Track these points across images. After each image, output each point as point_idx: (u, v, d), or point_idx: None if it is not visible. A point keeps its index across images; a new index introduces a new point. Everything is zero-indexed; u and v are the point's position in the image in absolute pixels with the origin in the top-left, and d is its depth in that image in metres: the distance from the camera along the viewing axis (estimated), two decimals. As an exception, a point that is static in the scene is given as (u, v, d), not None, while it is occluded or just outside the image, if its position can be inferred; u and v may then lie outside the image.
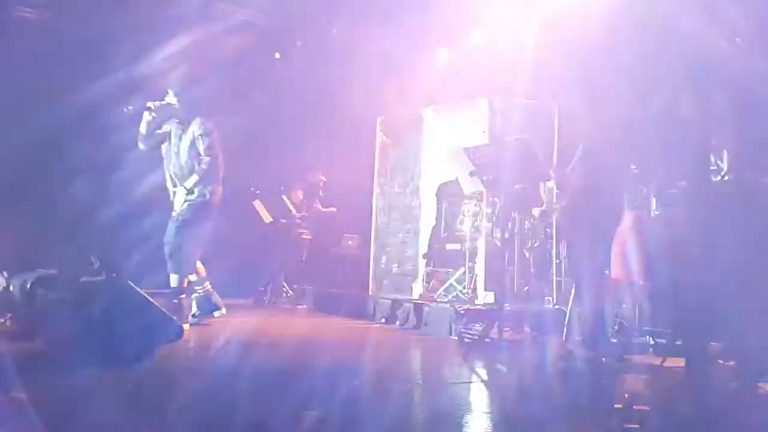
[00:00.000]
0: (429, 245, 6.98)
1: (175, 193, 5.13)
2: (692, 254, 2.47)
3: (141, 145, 5.25)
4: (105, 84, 7.73)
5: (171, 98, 5.13)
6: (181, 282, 4.99)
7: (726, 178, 3.83)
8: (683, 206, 4.82)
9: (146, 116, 5.15)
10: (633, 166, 5.79)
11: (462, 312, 5.24)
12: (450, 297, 6.41)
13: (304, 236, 8.70)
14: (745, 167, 2.54)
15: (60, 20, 7.65)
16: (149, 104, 5.10)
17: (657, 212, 4.98)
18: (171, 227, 5.01)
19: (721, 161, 4.89)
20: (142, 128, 5.19)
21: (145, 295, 3.39)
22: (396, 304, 6.08)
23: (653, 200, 5.17)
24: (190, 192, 5.03)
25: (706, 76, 2.99)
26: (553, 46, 8.12)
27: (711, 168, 4.00)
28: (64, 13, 7.78)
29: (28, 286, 3.58)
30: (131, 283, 3.36)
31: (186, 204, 5.04)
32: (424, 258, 6.92)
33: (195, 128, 5.05)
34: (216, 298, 5.31)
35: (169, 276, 4.99)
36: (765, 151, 2.68)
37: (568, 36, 7.91)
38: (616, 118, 4.05)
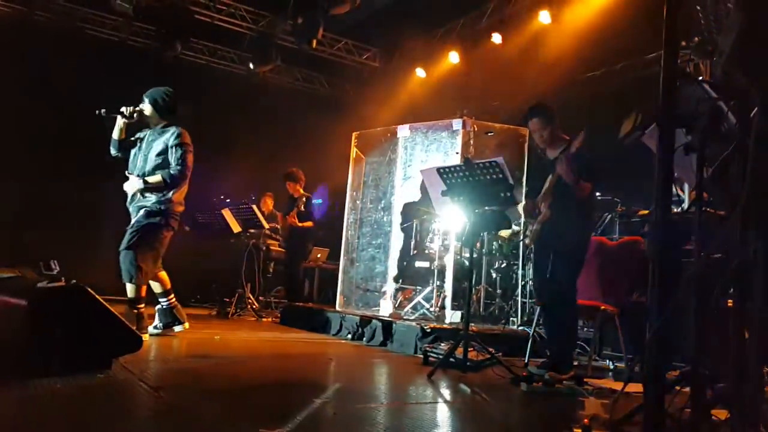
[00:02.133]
0: (399, 262, 7.00)
1: (133, 197, 4.98)
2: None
3: (113, 151, 5.15)
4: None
5: (146, 106, 5.06)
6: (137, 291, 4.84)
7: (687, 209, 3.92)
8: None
9: (119, 122, 5.07)
10: (598, 193, 5.93)
11: (428, 330, 5.25)
12: (417, 315, 6.42)
13: (273, 247, 8.65)
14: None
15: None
16: (123, 109, 5.02)
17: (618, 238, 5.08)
18: (127, 235, 4.87)
19: (683, 192, 5.03)
20: (115, 134, 5.10)
21: (105, 303, 3.32)
22: (363, 320, 6.06)
23: (616, 226, 5.29)
24: (146, 198, 4.91)
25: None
26: (528, 72, 8.32)
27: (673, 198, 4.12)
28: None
29: (-19, 290, 3.47)
30: (90, 290, 3.29)
31: (143, 211, 4.91)
32: (395, 281, 6.94)
33: (170, 137, 4.96)
34: (179, 311, 5.20)
35: (126, 286, 4.86)
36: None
37: (544, 62, 8.10)
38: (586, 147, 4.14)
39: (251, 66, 9.98)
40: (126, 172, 5.05)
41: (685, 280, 2.21)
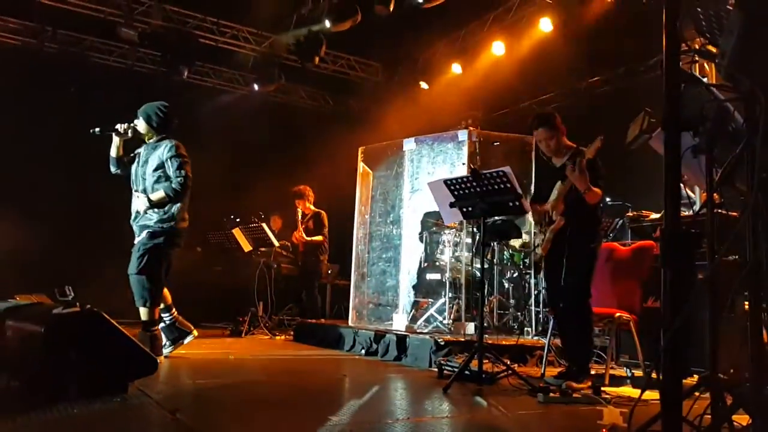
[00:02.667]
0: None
1: (136, 216, 4.98)
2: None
3: (112, 168, 5.14)
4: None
5: (140, 122, 5.03)
6: (151, 314, 4.83)
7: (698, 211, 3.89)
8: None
9: (115, 139, 5.06)
10: (608, 199, 5.91)
11: (442, 343, 5.23)
12: (431, 328, 6.39)
13: (284, 265, 8.67)
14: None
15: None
16: (117, 126, 5.01)
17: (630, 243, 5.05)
18: (133, 257, 4.85)
19: (694, 194, 5.00)
20: (113, 151, 5.09)
21: (120, 327, 3.33)
22: (376, 334, 6.04)
23: (627, 231, 5.26)
24: (150, 218, 4.89)
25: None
26: (531, 80, 8.35)
27: (683, 201, 4.08)
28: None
29: (-2, 317, 3.50)
30: (105, 315, 3.30)
31: (146, 232, 4.87)
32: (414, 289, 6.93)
33: (164, 151, 4.91)
34: (182, 322, 5.14)
35: (139, 310, 4.84)
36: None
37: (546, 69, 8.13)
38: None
39: (256, 86, 10.07)
40: (133, 190, 5.06)
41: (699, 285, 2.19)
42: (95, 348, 3.22)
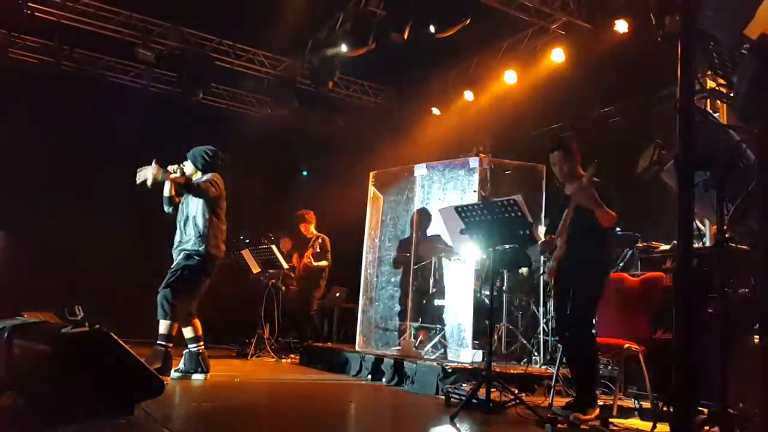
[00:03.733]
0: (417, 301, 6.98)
1: (177, 245, 5.31)
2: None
3: (166, 208, 5.45)
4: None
5: (187, 164, 5.42)
6: (170, 328, 5.02)
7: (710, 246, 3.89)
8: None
9: (168, 181, 5.36)
10: (618, 229, 5.89)
11: (449, 370, 5.20)
12: (438, 354, 6.35)
13: (291, 287, 8.67)
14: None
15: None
16: (169, 168, 5.32)
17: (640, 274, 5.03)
18: (168, 275, 5.13)
19: (704, 226, 4.99)
20: (166, 191, 5.41)
21: (128, 348, 3.34)
22: (383, 359, 6.01)
23: (637, 262, 5.24)
24: (189, 251, 5.19)
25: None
26: (542, 109, 8.40)
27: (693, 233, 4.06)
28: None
29: (5, 335, 3.51)
30: (114, 335, 3.32)
31: (183, 253, 5.18)
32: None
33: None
34: (205, 359, 5.28)
35: (159, 323, 5.01)
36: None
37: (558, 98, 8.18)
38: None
39: (270, 110, 10.18)
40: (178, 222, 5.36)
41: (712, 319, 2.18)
42: (103, 368, 3.23)
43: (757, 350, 2.48)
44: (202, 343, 5.26)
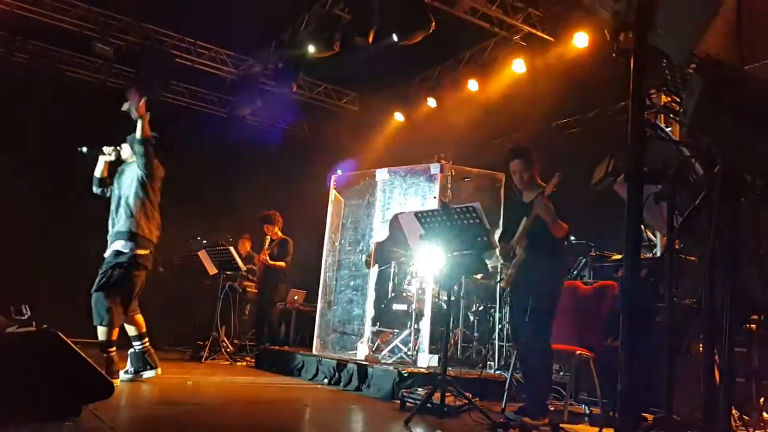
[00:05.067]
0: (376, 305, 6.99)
1: (110, 231, 4.98)
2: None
3: (95, 188, 5.19)
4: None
5: (125, 148, 5.12)
6: (108, 335, 4.77)
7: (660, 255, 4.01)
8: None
9: (101, 160, 5.11)
10: (573, 238, 6.01)
11: (406, 375, 5.22)
12: (395, 358, 6.37)
13: (249, 289, 8.58)
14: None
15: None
16: (104, 149, 5.08)
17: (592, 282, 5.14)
18: (99, 277, 4.83)
19: (655, 237, 5.14)
20: (97, 172, 5.15)
21: (76, 348, 3.26)
22: (340, 364, 6.00)
23: (590, 270, 5.37)
24: (119, 232, 4.88)
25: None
26: (504, 118, 8.54)
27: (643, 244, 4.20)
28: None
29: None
30: (61, 335, 3.23)
31: (112, 252, 4.88)
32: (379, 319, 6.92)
33: (138, 171, 4.98)
34: (152, 355, 5.09)
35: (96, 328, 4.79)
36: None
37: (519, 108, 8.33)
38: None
39: (232, 109, 10.07)
40: (112, 208, 5.04)
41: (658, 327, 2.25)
42: (49, 369, 3.14)
43: (700, 359, 2.57)
44: (146, 339, 5.05)
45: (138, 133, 4.89)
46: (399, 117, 10.12)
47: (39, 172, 8.00)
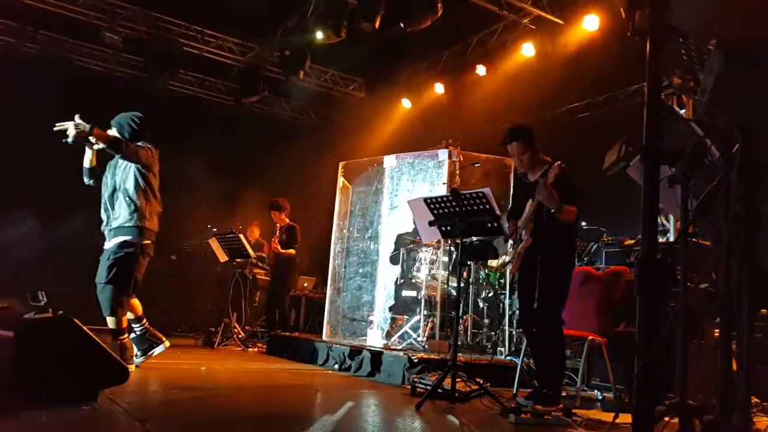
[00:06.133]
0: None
1: (106, 222, 4.92)
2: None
3: (85, 179, 5.07)
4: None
5: (112, 132, 4.95)
6: (119, 324, 4.78)
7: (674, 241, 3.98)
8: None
9: (88, 150, 4.98)
10: (584, 223, 5.98)
11: (416, 360, 5.23)
12: (405, 344, 6.39)
13: (259, 276, 8.61)
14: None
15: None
16: (90, 138, 4.86)
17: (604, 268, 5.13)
18: (102, 267, 4.79)
19: (668, 222, 5.11)
20: (86, 162, 5.02)
21: (92, 334, 3.28)
22: (351, 350, 6.02)
23: (602, 256, 5.36)
24: (123, 227, 4.82)
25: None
26: (513, 103, 8.48)
27: (657, 229, 4.13)
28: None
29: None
30: (77, 322, 3.25)
31: (117, 238, 4.83)
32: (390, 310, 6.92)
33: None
34: (153, 332, 5.07)
35: (106, 318, 4.79)
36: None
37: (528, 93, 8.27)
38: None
39: (239, 97, 10.06)
40: (103, 197, 4.97)
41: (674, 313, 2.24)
42: (66, 355, 3.17)
43: (716, 343, 2.55)
44: (144, 320, 5.02)
45: (107, 147, 4.77)
46: (406, 103, 10.07)
47: (50, 160, 8.02)
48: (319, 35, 8.14)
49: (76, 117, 4.60)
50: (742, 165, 1.92)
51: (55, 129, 4.61)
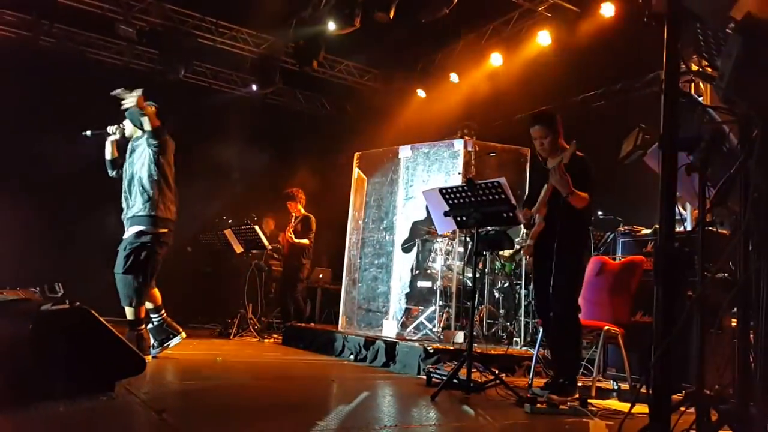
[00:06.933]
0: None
1: (126, 211, 4.98)
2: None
3: (110, 171, 5.17)
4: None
5: (127, 125, 5.05)
6: (137, 314, 4.84)
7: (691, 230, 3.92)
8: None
9: (108, 143, 5.09)
10: (600, 213, 5.92)
11: (431, 351, 5.23)
12: (420, 335, 6.39)
13: (275, 268, 8.66)
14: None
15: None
16: (108, 129, 5.04)
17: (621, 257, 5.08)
18: (120, 257, 4.84)
19: (685, 211, 5.04)
20: (108, 154, 5.12)
21: (109, 325, 3.32)
22: (366, 340, 6.04)
23: (618, 245, 5.29)
24: (137, 217, 4.87)
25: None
26: (528, 92, 8.40)
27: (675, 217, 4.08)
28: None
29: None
30: (94, 313, 3.28)
31: (133, 228, 4.88)
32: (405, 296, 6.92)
33: (149, 150, 4.93)
34: (171, 323, 5.13)
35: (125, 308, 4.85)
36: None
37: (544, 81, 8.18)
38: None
39: (254, 88, 10.07)
40: (124, 186, 5.03)
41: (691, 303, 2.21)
42: (83, 346, 3.20)
43: (733, 333, 2.52)
44: (162, 311, 5.08)
45: (146, 126, 4.85)
46: (421, 93, 10.02)
47: (66, 151, 8.10)
48: (332, 26, 8.11)
49: (139, 90, 4.79)
50: (761, 152, 1.88)
51: (112, 93, 4.79)
